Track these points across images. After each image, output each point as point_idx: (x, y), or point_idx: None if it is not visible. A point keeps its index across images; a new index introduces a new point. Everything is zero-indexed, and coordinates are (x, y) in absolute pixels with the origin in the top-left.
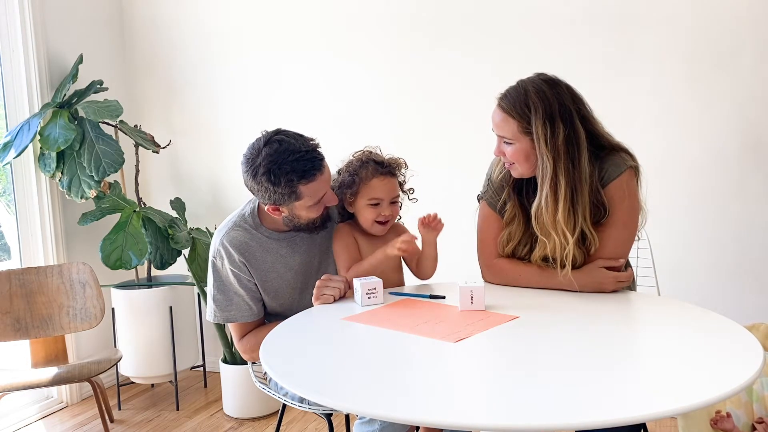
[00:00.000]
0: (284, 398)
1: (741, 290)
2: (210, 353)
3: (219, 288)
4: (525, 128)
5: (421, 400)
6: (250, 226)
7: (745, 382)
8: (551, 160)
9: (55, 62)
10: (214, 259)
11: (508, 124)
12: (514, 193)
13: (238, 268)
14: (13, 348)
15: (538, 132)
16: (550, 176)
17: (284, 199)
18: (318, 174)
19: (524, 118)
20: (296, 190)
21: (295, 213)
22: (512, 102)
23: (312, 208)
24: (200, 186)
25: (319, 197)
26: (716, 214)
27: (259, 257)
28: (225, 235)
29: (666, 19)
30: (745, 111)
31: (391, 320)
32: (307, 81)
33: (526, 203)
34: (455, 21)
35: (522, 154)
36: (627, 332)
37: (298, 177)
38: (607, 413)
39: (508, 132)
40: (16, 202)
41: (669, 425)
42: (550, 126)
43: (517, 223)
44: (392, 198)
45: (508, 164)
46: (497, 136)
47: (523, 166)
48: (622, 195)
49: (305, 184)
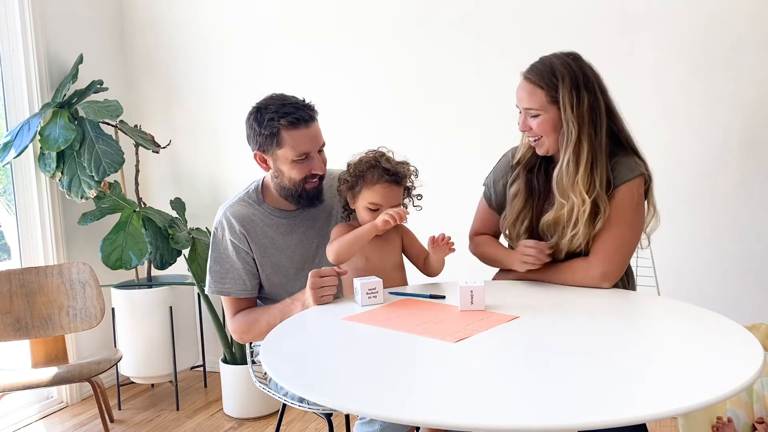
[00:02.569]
0: (284, 398)
1: (741, 290)
2: (210, 353)
3: (216, 259)
4: (552, 97)
5: (421, 400)
6: (253, 201)
7: (745, 382)
8: (576, 126)
9: (55, 62)
10: (216, 230)
11: (535, 95)
12: (524, 172)
13: (238, 239)
14: (13, 348)
15: (565, 99)
16: (574, 141)
17: (267, 144)
18: (302, 125)
19: (552, 87)
20: (278, 134)
21: (279, 167)
22: (539, 73)
23: (295, 165)
24: (200, 186)
25: (301, 152)
26: (716, 214)
27: (259, 231)
28: (228, 208)
29: (666, 19)
30: (745, 111)
31: (391, 320)
32: (307, 81)
33: (535, 182)
34: (452, 28)
35: (549, 125)
36: (627, 332)
37: (279, 118)
38: (608, 413)
39: (535, 103)
40: (16, 202)
41: (669, 425)
42: (576, 93)
43: (519, 198)
44: (392, 206)
45: (534, 141)
46: (523, 111)
47: (551, 138)
48: (630, 200)
49: (287, 129)
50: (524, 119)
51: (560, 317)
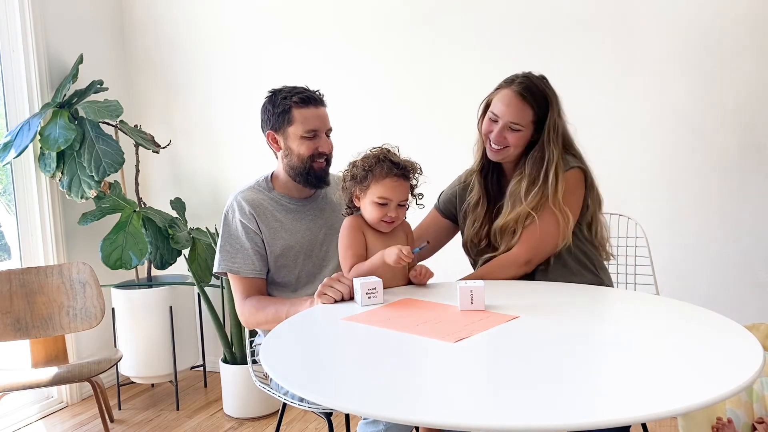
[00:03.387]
0: (284, 397)
1: (741, 290)
2: (210, 353)
3: (227, 239)
4: (538, 118)
5: (420, 400)
6: (263, 189)
7: (745, 382)
8: (557, 148)
9: (55, 62)
10: (227, 212)
11: (525, 113)
12: (480, 177)
13: (248, 220)
14: (13, 348)
15: (551, 124)
16: (554, 161)
17: (279, 123)
18: (312, 104)
19: (542, 109)
20: (290, 111)
21: (289, 145)
22: (533, 93)
23: (304, 141)
24: (200, 186)
25: (309, 128)
26: (716, 214)
27: (269, 214)
28: (240, 194)
29: (666, 19)
30: (745, 111)
31: (391, 320)
32: (308, 80)
33: (490, 187)
34: (454, 24)
35: (524, 140)
36: (627, 332)
37: (291, 96)
38: (608, 413)
39: (523, 120)
40: (16, 202)
41: (669, 425)
42: (559, 119)
43: (482, 205)
44: (401, 201)
45: (498, 148)
46: (503, 122)
47: (518, 151)
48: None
49: (298, 107)
50: (500, 131)
51: (560, 317)
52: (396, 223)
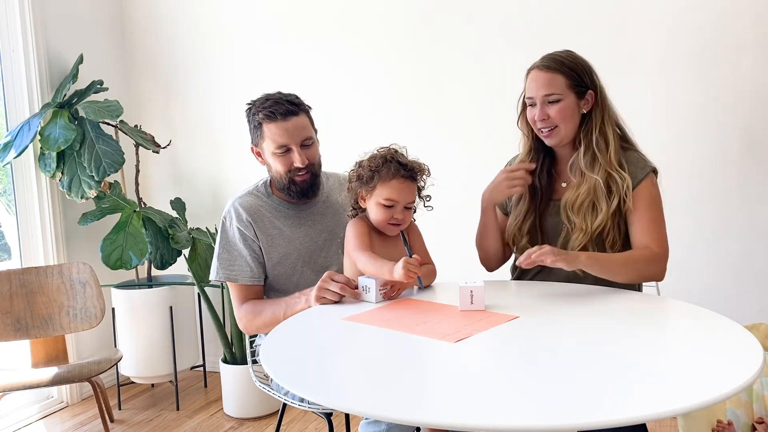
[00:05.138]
0: (285, 398)
1: (741, 290)
2: (210, 353)
3: (224, 246)
4: (574, 81)
5: (420, 401)
6: (262, 194)
7: (745, 382)
8: (600, 108)
9: (55, 62)
10: (224, 219)
11: (555, 80)
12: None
13: (245, 227)
14: (13, 348)
15: (588, 83)
16: (599, 125)
17: (256, 137)
18: (278, 118)
19: (574, 72)
20: (260, 126)
21: (267, 160)
22: (558, 61)
23: (276, 157)
24: (200, 186)
25: (278, 144)
26: (716, 214)
27: (267, 222)
28: (237, 199)
29: (666, 19)
30: (745, 111)
31: (391, 320)
32: (308, 80)
33: (537, 182)
34: (454, 24)
35: (568, 111)
36: (627, 332)
37: (258, 111)
38: (608, 413)
39: (556, 87)
40: (16, 202)
41: (669, 425)
42: (596, 79)
43: (523, 201)
44: (407, 203)
45: (547, 131)
46: (540, 99)
47: (568, 125)
48: (650, 196)
49: (267, 123)
50: (541, 108)
51: (560, 317)
52: (402, 226)
